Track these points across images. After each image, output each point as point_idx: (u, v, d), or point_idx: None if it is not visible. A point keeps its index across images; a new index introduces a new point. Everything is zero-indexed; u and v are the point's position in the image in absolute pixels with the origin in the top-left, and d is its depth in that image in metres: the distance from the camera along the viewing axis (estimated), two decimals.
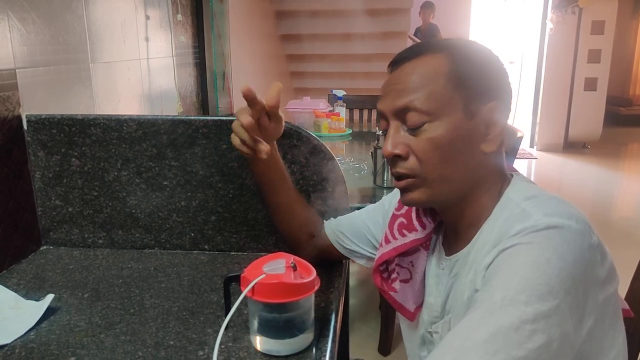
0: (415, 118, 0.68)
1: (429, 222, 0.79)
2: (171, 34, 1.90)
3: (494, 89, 0.69)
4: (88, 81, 1.34)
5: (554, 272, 0.56)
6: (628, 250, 1.80)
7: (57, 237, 1.11)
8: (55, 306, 0.84)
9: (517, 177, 0.74)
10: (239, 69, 3.02)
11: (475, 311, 0.57)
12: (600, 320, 0.61)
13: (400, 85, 0.70)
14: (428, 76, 0.68)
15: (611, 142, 6.13)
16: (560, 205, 0.63)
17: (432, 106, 0.67)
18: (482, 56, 0.71)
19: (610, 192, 4.59)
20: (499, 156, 0.72)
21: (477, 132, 0.69)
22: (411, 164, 0.69)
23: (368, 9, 4.23)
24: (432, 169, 0.69)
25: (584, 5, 5.33)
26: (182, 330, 0.77)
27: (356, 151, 2.38)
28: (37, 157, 1.06)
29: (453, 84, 0.68)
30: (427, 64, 0.69)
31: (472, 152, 0.69)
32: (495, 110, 0.69)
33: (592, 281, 0.59)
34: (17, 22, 1.04)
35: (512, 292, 0.55)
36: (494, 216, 0.69)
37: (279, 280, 0.67)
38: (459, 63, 0.68)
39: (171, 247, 1.10)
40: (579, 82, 5.61)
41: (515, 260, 0.58)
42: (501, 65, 0.72)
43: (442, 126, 0.67)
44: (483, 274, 0.63)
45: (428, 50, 0.70)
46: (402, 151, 0.69)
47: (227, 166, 1.04)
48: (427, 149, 0.68)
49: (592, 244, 0.59)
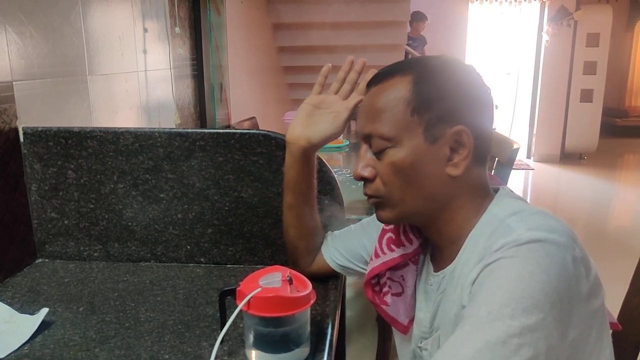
0: (378, 144, 0.71)
1: (415, 238, 0.80)
2: (169, 46, 1.91)
3: (459, 112, 0.68)
4: (85, 93, 1.34)
5: (538, 285, 0.56)
6: (624, 261, 1.80)
7: (53, 250, 1.10)
8: (50, 320, 0.84)
9: (502, 192, 0.74)
10: (237, 80, 3.04)
11: (462, 327, 0.57)
12: (586, 334, 0.61)
13: (368, 109, 0.73)
14: (389, 102, 0.70)
15: (607, 153, 6.16)
16: (544, 219, 0.63)
17: (392, 132, 0.69)
18: (446, 78, 0.70)
19: (606, 202, 4.60)
20: (475, 173, 0.71)
21: (440, 156, 0.69)
22: (376, 185, 0.73)
23: (365, 21, 4.26)
24: (395, 192, 0.71)
25: (579, 18, 5.38)
26: (178, 344, 0.77)
27: (353, 163, 2.38)
28: (33, 169, 1.06)
29: (413, 109, 0.68)
30: (391, 88, 0.70)
31: (436, 175, 0.69)
32: (461, 133, 0.68)
33: (576, 294, 0.59)
34: (14, 35, 1.05)
35: (497, 306, 0.55)
36: (477, 232, 0.69)
37: (275, 294, 0.67)
38: (420, 87, 0.69)
39: (167, 260, 1.09)
40: (575, 94, 5.65)
41: (499, 275, 0.58)
42: (475, 87, 0.71)
43: (402, 151, 0.69)
44: (469, 289, 0.63)
45: (397, 72, 0.71)
46: (369, 174, 0.73)
47: (223, 179, 1.04)
48: (389, 173, 0.70)
49: (576, 257, 0.59)
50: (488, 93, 0.72)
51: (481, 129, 0.70)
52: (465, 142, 0.68)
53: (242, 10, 3.40)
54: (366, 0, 4.15)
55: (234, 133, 1.02)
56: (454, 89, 0.69)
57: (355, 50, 4.42)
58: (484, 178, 0.73)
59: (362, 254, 0.91)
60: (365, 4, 4.17)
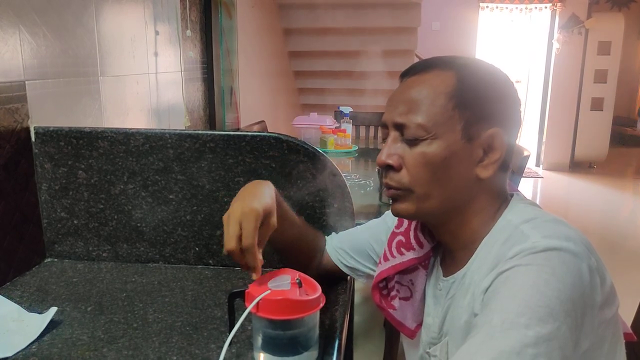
0: (413, 131, 0.68)
1: (427, 242, 0.79)
2: (180, 49, 1.92)
3: (497, 115, 0.69)
4: (97, 94, 1.35)
5: (554, 294, 0.55)
6: (637, 271, 1.76)
7: (62, 249, 1.11)
8: (58, 319, 0.84)
9: (516, 198, 0.73)
10: (247, 84, 3.05)
11: (475, 336, 0.56)
12: (599, 345, 0.60)
13: (403, 98, 0.70)
14: (431, 93, 0.68)
15: (617, 162, 6.10)
16: (559, 227, 0.62)
17: (430, 124, 0.67)
18: (490, 81, 0.70)
19: (617, 212, 4.55)
20: (499, 179, 0.71)
21: (473, 156, 0.68)
22: (401, 176, 0.70)
23: (376, 27, 4.26)
24: (420, 185, 0.69)
25: (590, 26, 5.35)
26: (185, 346, 0.76)
27: (362, 168, 2.38)
28: (44, 169, 1.07)
29: (454, 104, 0.67)
30: (432, 81, 0.69)
31: (464, 174, 0.68)
32: (496, 136, 0.68)
33: (591, 304, 0.58)
34: (28, 35, 1.06)
35: (512, 315, 0.54)
36: (491, 238, 0.68)
37: (284, 297, 0.66)
38: (465, 84, 0.68)
39: (176, 261, 1.09)
40: (586, 102, 5.61)
41: (514, 283, 0.57)
42: (511, 92, 0.71)
43: (438, 144, 0.67)
44: (481, 297, 0.62)
45: (436, 67, 0.70)
46: (395, 162, 0.70)
47: (233, 181, 1.04)
48: (419, 164, 0.68)
49: (591, 266, 0.58)
50: (519, 105, 0.72)
51: (511, 136, 0.70)
52: (498, 146, 0.68)
53: (254, 15, 3.42)
54: (377, 6, 4.16)
55: (245, 135, 1.02)
56: (496, 93, 0.69)
57: (365, 55, 4.43)
58: (504, 184, 0.72)
59: (370, 254, 0.90)
60: (375, 9, 4.17)
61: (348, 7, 4.18)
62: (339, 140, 2.53)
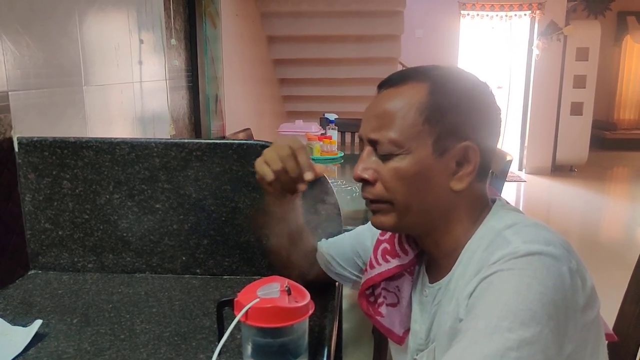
0: (386, 147, 0.69)
1: (411, 249, 0.79)
2: (165, 57, 1.92)
3: (471, 127, 0.68)
4: (81, 104, 1.33)
5: (536, 297, 0.56)
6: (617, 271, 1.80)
7: (46, 261, 1.09)
8: (43, 332, 0.82)
9: (498, 204, 0.74)
10: (232, 92, 3.04)
11: (460, 341, 0.57)
12: (582, 347, 0.61)
13: (377, 112, 0.71)
14: (404, 107, 0.68)
15: (597, 165, 6.22)
16: (540, 231, 0.63)
17: (402, 138, 0.68)
18: (464, 92, 0.69)
19: (597, 213, 4.63)
20: (477, 188, 0.71)
21: (447, 170, 0.69)
22: (378, 190, 0.71)
23: (360, 34, 4.30)
24: (399, 197, 0.69)
25: (569, 33, 5.46)
26: (174, 357, 0.76)
27: (348, 174, 2.38)
28: (28, 179, 1.05)
29: (425, 119, 0.68)
30: (406, 94, 0.69)
31: (440, 187, 0.69)
32: (469, 150, 0.68)
33: (573, 306, 0.59)
34: (10, 45, 1.05)
35: (495, 319, 0.55)
36: (474, 244, 0.69)
37: (273, 305, 0.66)
38: (436, 97, 0.68)
39: (162, 271, 1.08)
40: (566, 107, 5.71)
41: (497, 288, 0.58)
42: (488, 101, 0.71)
43: (408, 159, 0.68)
44: (466, 302, 0.62)
45: (411, 78, 0.71)
46: (371, 177, 0.71)
47: (220, 189, 1.03)
48: (392, 178, 0.69)
49: (572, 268, 0.59)
50: (498, 113, 0.72)
51: (487, 146, 0.70)
52: (471, 158, 0.68)
53: (237, 23, 3.42)
54: (360, 14, 4.19)
55: (232, 144, 1.02)
56: (468, 104, 0.69)
57: (349, 62, 4.46)
58: (484, 192, 0.73)
59: (356, 261, 0.90)
60: (359, 17, 4.21)
61: (332, 15, 4.21)
62: (324, 147, 2.53)
